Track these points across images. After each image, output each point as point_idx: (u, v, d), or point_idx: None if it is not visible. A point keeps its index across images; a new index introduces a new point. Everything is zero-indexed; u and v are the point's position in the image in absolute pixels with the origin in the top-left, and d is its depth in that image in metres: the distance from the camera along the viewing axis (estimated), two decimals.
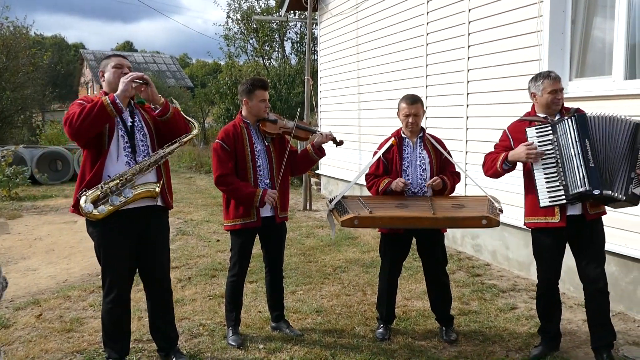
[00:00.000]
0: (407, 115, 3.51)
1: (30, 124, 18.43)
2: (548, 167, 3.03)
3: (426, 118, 5.93)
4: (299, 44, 19.58)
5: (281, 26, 19.21)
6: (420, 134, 3.60)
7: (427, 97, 6.07)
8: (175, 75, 39.82)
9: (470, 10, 5.36)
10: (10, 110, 16.84)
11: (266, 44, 19.97)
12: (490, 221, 3.09)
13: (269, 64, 20.21)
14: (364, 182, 3.70)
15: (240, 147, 3.41)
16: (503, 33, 4.94)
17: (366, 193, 3.83)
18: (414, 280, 4.74)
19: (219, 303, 4.20)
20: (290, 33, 19.93)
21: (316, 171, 9.82)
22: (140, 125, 2.99)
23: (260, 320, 3.86)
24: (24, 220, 7.97)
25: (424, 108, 3.63)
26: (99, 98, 2.80)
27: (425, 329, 3.72)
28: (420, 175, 3.51)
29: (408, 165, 3.53)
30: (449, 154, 3.60)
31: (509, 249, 5.13)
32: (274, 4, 19.16)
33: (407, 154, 3.55)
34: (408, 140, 3.58)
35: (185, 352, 3.31)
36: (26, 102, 17.53)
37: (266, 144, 3.50)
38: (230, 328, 3.55)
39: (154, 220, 3.04)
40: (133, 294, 3.24)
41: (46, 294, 4.57)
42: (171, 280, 3.27)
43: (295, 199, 8.69)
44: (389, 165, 3.57)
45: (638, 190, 2.95)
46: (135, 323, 3.69)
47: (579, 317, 3.88)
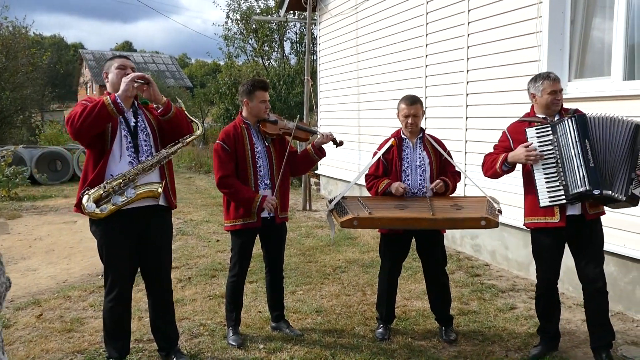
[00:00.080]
0: (407, 116, 3.52)
1: (30, 124, 18.43)
2: (548, 167, 3.04)
3: (425, 118, 5.94)
4: (298, 44, 19.59)
5: (280, 26, 19.22)
6: (420, 135, 3.61)
7: (427, 98, 6.08)
8: (174, 75, 39.84)
9: (469, 11, 5.38)
10: (10, 111, 16.85)
11: (265, 44, 19.98)
12: (489, 222, 3.10)
13: (269, 64, 20.23)
14: (364, 183, 3.71)
15: (240, 148, 3.42)
16: (502, 34, 4.96)
17: (366, 193, 3.84)
18: (414, 281, 4.75)
19: (219, 303, 4.21)
20: (289, 33, 19.95)
21: (316, 171, 9.83)
22: (143, 126, 3.00)
23: (261, 320, 3.87)
24: (24, 220, 7.98)
25: (424, 109, 3.64)
26: (100, 98, 2.81)
27: (425, 329, 3.73)
28: (420, 175, 3.52)
29: (408, 166, 3.54)
30: (448, 154, 3.61)
31: (508, 249, 5.14)
32: (274, 4, 19.17)
33: (407, 154, 3.56)
34: (408, 140, 3.59)
35: (185, 352, 3.32)
36: (25, 102, 17.52)
37: (266, 144, 3.51)
38: (231, 328, 3.56)
39: (157, 220, 3.05)
40: (133, 294, 3.25)
41: (46, 294, 4.58)
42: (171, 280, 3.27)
43: (295, 199, 8.70)
44: (389, 165, 3.58)
45: (638, 191, 2.96)
46: (135, 323, 3.70)
47: (578, 317, 3.89)
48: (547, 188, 3.03)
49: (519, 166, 3.24)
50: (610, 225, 3.72)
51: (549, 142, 3.04)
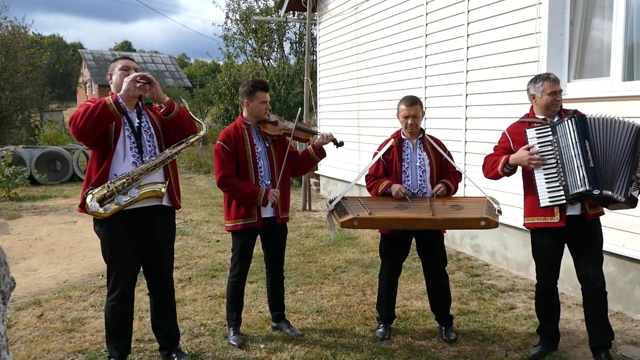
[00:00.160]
0: (406, 117, 3.53)
1: (29, 124, 18.42)
2: (548, 168, 3.05)
3: (425, 118, 5.95)
4: (297, 44, 19.62)
5: (280, 26, 19.24)
6: (420, 135, 3.62)
7: (426, 98, 6.09)
8: (173, 75, 39.85)
9: (469, 11, 5.39)
10: (9, 111, 16.83)
11: (265, 45, 20.00)
12: (489, 222, 3.11)
13: (268, 64, 20.24)
14: (364, 183, 3.72)
15: (241, 148, 3.43)
16: (502, 34, 4.97)
17: (365, 194, 3.85)
18: (414, 281, 4.76)
19: (219, 303, 4.22)
20: (289, 33, 19.97)
21: (315, 172, 9.84)
22: (147, 126, 3.01)
23: (261, 320, 3.88)
24: (24, 220, 7.98)
25: (423, 109, 3.65)
26: (103, 99, 2.83)
27: (425, 329, 3.74)
28: (420, 176, 3.53)
29: (408, 167, 3.55)
30: (449, 155, 3.63)
31: (507, 249, 5.16)
32: (273, 5, 19.19)
33: (407, 155, 3.57)
34: (408, 141, 3.60)
35: (186, 352, 3.33)
36: (25, 102, 17.51)
37: (267, 145, 3.52)
38: (232, 328, 3.57)
39: (160, 220, 3.06)
40: (134, 294, 3.25)
41: (47, 294, 4.59)
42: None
43: (295, 199, 8.71)
44: (389, 166, 3.59)
45: (637, 193, 2.98)
46: (136, 323, 3.70)
47: (578, 317, 3.91)
48: (547, 188, 3.04)
49: (518, 167, 3.26)
50: (610, 226, 3.74)
51: (549, 143, 3.06)
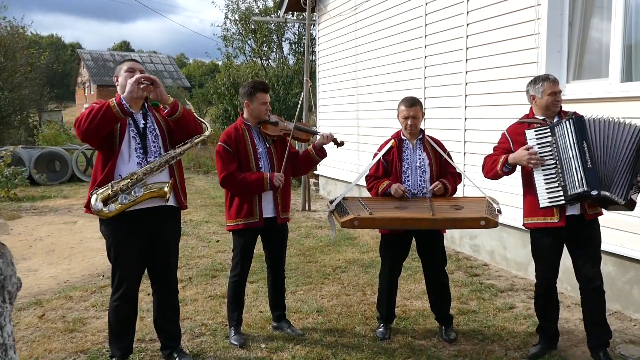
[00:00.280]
0: (406, 118, 3.56)
1: (28, 124, 18.41)
2: (547, 169, 3.07)
3: (425, 119, 5.97)
4: (296, 45, 19.64)
5: (279, 27, 19.26)
6: (420, 136, 3.64)
7: (426, 99, 6.11)
8: (172, 75, 39.84)
9: (468, 12, 5.41)
10: (8, 111, 16.83)
11: (264, 45, 20.01)
12: (488, 222, 3.13)
13: (267, 64, 20.26)
14: (364, 183, 3.74)
15: (242, 149, 3.44)
16: (501, 35, 4.99)
17: (365, 194, 3.87)
18: (413, 280, 4.78)
19: (220, 303, 4.24)
20: (288, 34, 19.99)
21: (315, 172, 9.85)
22: (152, 127, 3.03)
23: (262, 320, 3.90)
24: (24, 220, 7.98)
25: (423, 110, 3.67)
26: (107, 100, 2.85)
27: (425, 328, 3.76)
28: (420, 176, 3.55)
29: (408, 167, 3.57)
30: (448, 155, 3.65)
31: (507, 249, 5.18)
32: (272, 5, 19.21)
33: (407, 155, 3.59)
34: (408, 142, 3.62)
35: (188, 352, 3.35)
36: (24, 103, 17.50)
37: (267, 145, 3.54)
38: (233, 328, 3.59)
39: (167, 220, 3.08)
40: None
41: (48, 294, 4.60)
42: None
43: (294, 199, 8.68)
44: (389, 167, 3.61)
45: (636, 197, 3.00)
46: (137, 323, 3.70)
47: (577, 317, 3.93)
48: (547, 189, 3.06)
49: (518, 167, 3.28)
50: (609, 226, 3.76)
51: (548, 144, 3.08)
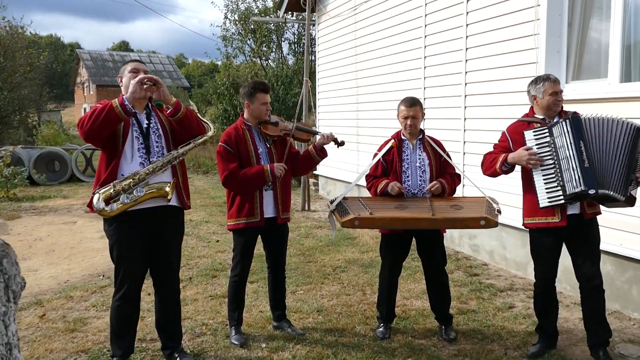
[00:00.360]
0: (406, 118, 3.57)
1: (27, 125, 18.42)
2: (546, 169, 3.09)
3: (424, 119, 5.99)
4: (296, 45, 19.65)
5: (278, 27, 19.28)
6: (420, 136, 3.66)
7: (425, 99, 6.12)
8: (171, 75, 39.85)
9: (468, 13, 5.42)
10: (7, 111, 16.83)
11: (264, 45, 20.03)
12: (488, 222, 3.14)
13: (267, 64, 20.27)
14: (363, 183, 3.75)
15: (243, 149, 3.45)
16: (500, 36, 5.01)
17: (365, 194, 3.88)
18: (413, 280, 4.79)
19: (220, 303, 4.25)
20: (287, 34, 20.01)
21: (314, 172, 9.86)
22: (155, 127, 3.04)
23: (262, 319, 3.91)
24: (23, 221, 7.98)
25: (423, 110, 3.68)
26: (110, 101, 2.87)
27: (425, 328, 3.77)
28: (420, 176, 3.57)
29: (408, 167, 3.59)
30: (448, 155, 3.66)
31: (506, 249, 5.19)
32: (272, 5, 19.23)
33: (407, 155, 3.61)
34: (408, 142, 3.63)
35: (188, 352, 3.36)
36: (23, 103, 17.51)
37: (268, 146, 3.55)
38: (233, 327, 3.59)
39: (169, 220, 3.09)
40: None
41: (48, 294, 4.60)
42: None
43: (294, 199, 8.68)
44: (388, 167, 3.62)
45: (635, 192, 3.01)
46: (138, 323, 3.72)
47: (576, 316, 3.94)
48: (546, 189, 3.08)
49: (517, 166, 3.29)
50: (607, 225, 3.77)
51: (547, 144, 3.09)
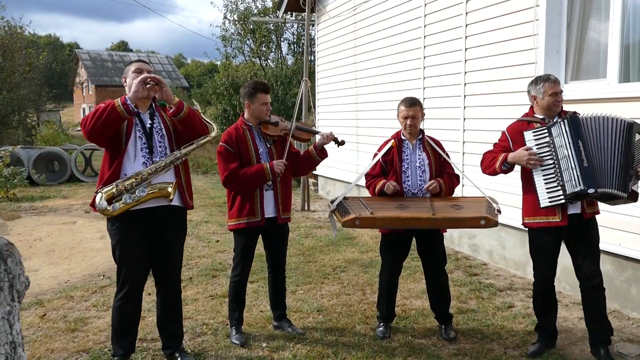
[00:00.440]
0: (406, 118, 3.59)
1: (26, 125, 18.41)
2: (546, 169, 3.11)
3: (424, 119, 6.00)
4: (295, 45, 19.67)
5: (278, 27, 19.29)
6: (420, 136, 3.67)
7: (425, 99, 6.14)
8: (170, 75, 39.85)
9: (467, 13, 5.44)
10: (7, 111, 16.82)
11: (263, 45, 20.04)
12: (488, 221, 3.16)
13: (266, 64, 20.28)
14: (363, 183, 3.76)
15: (243, 149, 3.46)
16: (500, 36, 5.02)
17: (364, 194, 3.89)
18: (413, 280, 4.81)
19: (220, 303, 4.26)
20: (286, 34, 20.02)
21: (314, 172, 9.87)
22: (159, 127, 3.06)
23: (262, 319, 3.92)
24: (23, 221, 7.99)
25: (423, 111, 3.70)
26: (113, 100, 2.88)
27: (425, 327, 3.79)
28: (420, 176, 3.58)
29: (407, 167, 3.60)
30: (447, 155, 3.67)
31: (505, 248, 5.21)
32: (271, 5, 19.24)
33: (407, 155, 3.62)
34: (407, 142, 3.65)
35: (189, 351, 3.37)
36: (22, 103, 17.50)
37: (268, 146, 3.56)
38: (234, 327, 3.60)
39: (172, 220, 3.10)
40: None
41: (49, 294, 4.61)
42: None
43: (293, 199, 8.70)
44: (388, 166, 3.64)
45: (637, 187, 3.03)
46: (139, 322, 3.74)
47: (575, 315, 3.96)
48: (546, 189, 3.09)
49: (516, 166, 3.31)
50: (606, 225, 3.79)
51: (546, 144, 3.11)
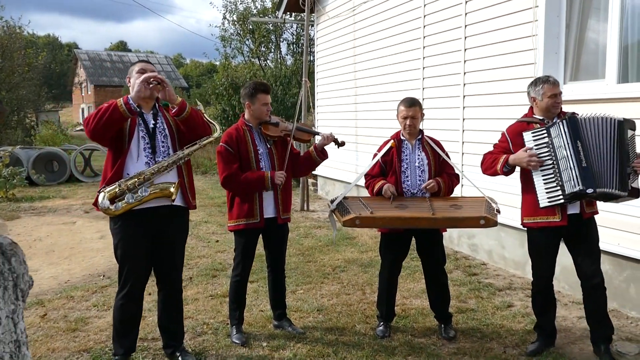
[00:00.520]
0: (405, 118, 3.60)
1: (24, 125, 18.40)
2: (545, 169, 3.13)
3: (423, 119, 6.02)
4: (294, 45, 19.68)
5: (277, 27, 19.30)
6: (419, 136, 3.69)
7: (424, 99, 6.15)
8: (169, 75, 39.82)
9: (466, 14, 5.45)
10: (6, 111, 16.80)
11: (262, 45, 20.05)
12: (488, 221, 3.17)
13: (265, 65, 20.29)
14: (362, 183, 3.78)
15: (243, 150, 3.47)
16: (499, 37, 5.04)
17: (364, 193, 3.91)
18: (412, 280, 4.82)
19: (221, 302, 4.27)
20: (286, 34, 20.04)
21: (313, 172, 9.87)
22: (162, 127, 3.07)
23: (263, 318, 3.93)
24: (22, 221, 7.99)
25: (422, 111, 3.71)
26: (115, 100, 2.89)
27: (425, 327, 3.80)
28: (419, 176, 3.60)
29: (407, 167, 3.62)
30: (447, 156, 3.69)
31: (504, 248, 5.22)
32: (270, 5, 19.25)
33: (406, 155, 3.63)
34: (407, 142, 3.66)
35: (190, 350, 3.38)
36: (21, 103, 17.50)
37: (268, 146, 3.57)
38: (234, 326, 3.62)
39: (174, 220, 3.11)
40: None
41: (49, 294, 4.62)
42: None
43: (293, 199, 8.74)
44: (387, 167, 3.65)
45: (636, 184, 3.05)
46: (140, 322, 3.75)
47: (574, 314, 3.98)
48: (546, 189, 3.11)
49: (517, 167, 3.32)
50: (605, 225, 3.81)
51: (545, 145, 3.13)
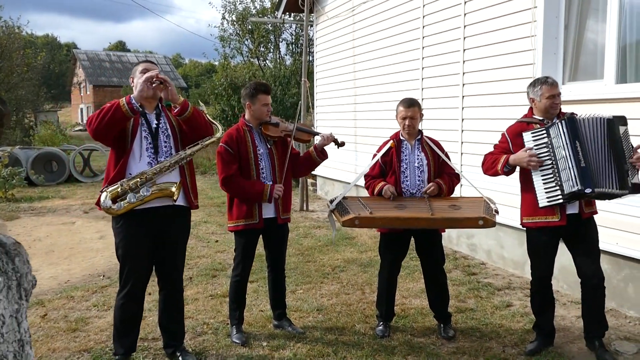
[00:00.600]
0: (404, 118, 3.62)
1: (23, 125, 18.39)
2: (544, 169, 3.14)
3: (422, 119, 6.03)
4: (294, 45, 19.69)
5: (276, 27, 19.31)
6: (418, 137, 3.70)
7: (423, 100, 6.17)
8: (168, 75, 39.60)
9: (465, 14, 5.47)
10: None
11: (261, 45, 20.06)
12: (486, 222, 3.19)
13: (264, 65, 20.30)
14: (361, 183, 3.79)
15: (243, 150, 3.48)
16: (498, 37, 5.05)
17: (363, 193, 3.92)
18: (411, 279, 4.84)
19: (221, 302, 4.28)
20: (285, 34, 20.05)
21: (312, 172, 9.88)
22: (164, 127, 3.08)
23: (263, 318, 3.94)
24: (22, 221, 7.99)
25: (421, 111, 3.73)
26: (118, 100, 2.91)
27: (424, 326, 3.82)
28: (419, 176, 3.61)
29: (406, 167, 3.63)
30: (446, 156, 3.70)
31: (503, 248, 5.24)
32: (269, 5, 19.26)
33: (406, 156, 3.65)
34: (406, 142, 3.67)
35: (190, 350, 3.39)
36: (20, 103, 17.49)
37: (268, 146, 3.58)
38: (234, 326, 3.63)
39: (176, 220, 3.12)
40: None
41: (49, 294, 4.62)
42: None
43: (292, 199, 8.75)
44: (386, 167, 3.66)
45: (636, 179, 3.07)
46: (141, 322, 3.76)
47: (573, 314, 4.00)
48: (545, 189, 3.13)
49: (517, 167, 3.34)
50: (604, 225, 3.82)
51: (544, 145, 3.14)
